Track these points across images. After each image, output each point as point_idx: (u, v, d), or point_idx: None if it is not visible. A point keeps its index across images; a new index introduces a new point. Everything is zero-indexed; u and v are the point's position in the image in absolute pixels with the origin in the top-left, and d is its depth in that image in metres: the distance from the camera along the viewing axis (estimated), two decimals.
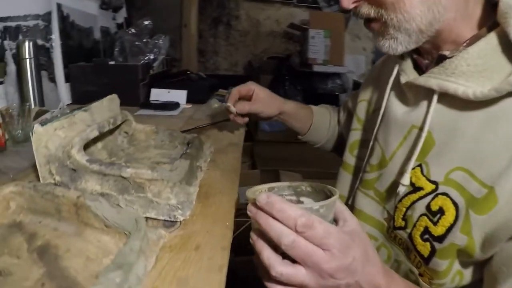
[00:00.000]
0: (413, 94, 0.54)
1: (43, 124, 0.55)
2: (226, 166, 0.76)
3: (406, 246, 0.55)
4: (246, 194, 0.40)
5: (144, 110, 1.22)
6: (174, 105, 1.25)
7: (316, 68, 2.27)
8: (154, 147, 0.80)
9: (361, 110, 0.72)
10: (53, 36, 1.13)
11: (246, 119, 0.87)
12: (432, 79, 0.48)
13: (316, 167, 2.07)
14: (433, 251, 0.49)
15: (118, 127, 0.79)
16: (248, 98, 0.84)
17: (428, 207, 0.49)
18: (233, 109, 0.82)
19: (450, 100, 0.48)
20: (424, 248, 0.50)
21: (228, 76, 2.67)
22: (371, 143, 0.63)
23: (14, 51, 1.00)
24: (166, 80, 1.44)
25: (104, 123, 0.66)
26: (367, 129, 0.69)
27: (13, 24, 1.02)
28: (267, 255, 0.36)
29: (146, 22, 1.54)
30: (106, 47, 1.54)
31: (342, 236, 0.36)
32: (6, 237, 0.43)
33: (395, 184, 0.54)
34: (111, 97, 0.75)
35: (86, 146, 0.69)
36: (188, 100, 1.36)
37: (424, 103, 0.51)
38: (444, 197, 0.47)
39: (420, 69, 0.56)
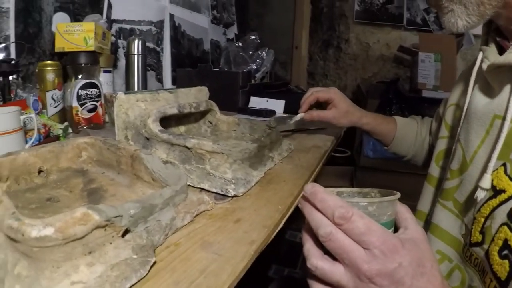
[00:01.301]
0: (497, 82, 0.45)
1: (126, 93, 0.59)
2: (301, 163, 0.72)
3: (482, 267, 0.44)
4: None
5: (241, 115, 1.26)
6: (269, 112, 1.26)
7: (426, 94, 2.06)
8: (234, 138, 0.80)
9: (449, 115, 0.62)
10: (164, 42, 1.26)
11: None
12: None
13: None
14: None
15: (204, 116, 0.82)
16: (325, 105, 0.84)
17: (510, 214, 0.40)
18: (300, 116, 0.83)
19: None
20: (502, 268, 0.40)
21: None
22: (454, 146, 0.53)
23: (126, 49, 1.12)
24: (267, 90, 1.47)
25: (186, 105, 0.69)
26: (454, 135, 0.59)
27: (127, 26, 1.16)
28: (308, 247, 0.34)
29: (253, 37, 1.61)
30: (215, 58, 1.65)
31: (390, 238, 0.31)
32: (69, 177, 0.46)
33: (476, 190, 0.44)
34: (200, 88, 0.78)
35: (168, 126, 0.72)
36: (285, 110, 1.36)
37: (507, 88, 0.43)
38: None
39: None
